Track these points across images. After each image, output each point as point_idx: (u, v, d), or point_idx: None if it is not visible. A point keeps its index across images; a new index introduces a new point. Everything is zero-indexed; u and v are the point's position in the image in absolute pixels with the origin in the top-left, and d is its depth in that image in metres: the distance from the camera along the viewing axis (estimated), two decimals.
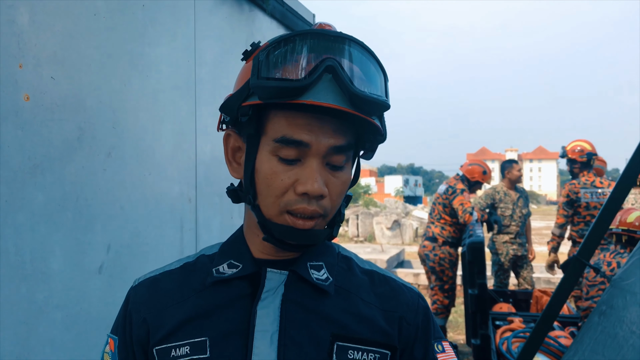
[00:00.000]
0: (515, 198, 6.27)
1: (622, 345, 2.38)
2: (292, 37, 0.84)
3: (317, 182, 0.84)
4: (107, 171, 1.80)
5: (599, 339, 2.55)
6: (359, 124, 0.89)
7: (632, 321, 2.41)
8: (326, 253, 1.00)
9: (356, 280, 0.99)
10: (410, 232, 17.04)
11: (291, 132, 0.84)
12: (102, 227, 1.78)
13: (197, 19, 2.31)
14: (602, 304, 2.65)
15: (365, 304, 0.96)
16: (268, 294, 0.92)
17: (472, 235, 4.49)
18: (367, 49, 0.87)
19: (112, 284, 1.81)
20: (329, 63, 0.81)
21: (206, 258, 1.02)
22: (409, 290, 1.02)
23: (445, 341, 1.02)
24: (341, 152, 0.87)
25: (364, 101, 0.82)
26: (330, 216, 0.91)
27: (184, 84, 2.25)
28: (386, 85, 0.89)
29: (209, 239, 2.41)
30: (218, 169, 2.51)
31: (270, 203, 0.88)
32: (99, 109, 1.77)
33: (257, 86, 0.83)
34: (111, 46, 1.83)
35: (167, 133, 2.14)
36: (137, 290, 1.02)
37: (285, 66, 0.82)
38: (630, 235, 4.04)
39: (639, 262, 2.58)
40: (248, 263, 0.96)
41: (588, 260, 2.82)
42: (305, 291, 0.93)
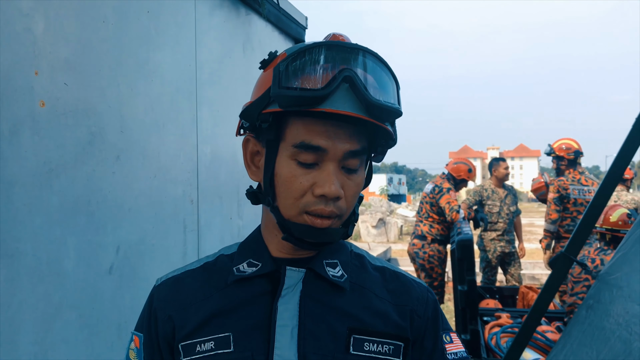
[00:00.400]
0: (503, 195, 6.38)
1: (609, 337, 2.45)
2: (310, 48, 0.90)
3: (334, 185, 0.90)
4: (116, 174, 1.84)
5: (587, 332, 2.62)
6: (373, 130, 0.96)
7: (619, 314, 2.48)
8: (340, 251, 1.06)
9: (369, 277, 1.06)
10: (395, 230, 17.14)
11: (310, 138, 0.90)
12: (111, 228, 1.82)
13: (197, 23, 2.36)
14: (590, 298, 2.72)
15: (378, 298, 1.03)
16: (287, 291, 0.98)
17: (461, 233, 4.58)
18: (381, 59, 0.94)
19: (121, 284, 1.85)
20: (346, 74, 0.87)
21: (225, 257, 1.07)
22: (419, 285, 1.09)
23: (453, 332, 1.09)
24: (356, 156, 0.93)
25: (379, 109, 0.89)
26: (346, 216, 0.98)
27: (186, 88, 2.30)
28: (398, 93, 0.95)
29: (210, 240, 2.46)
30: (218, 170, 2.56)
31: (290, 204, 0.93)
32: (108, 114, 1.81)
33: (278, 95, 0.88)
34: (119, 52, 1.87)
35: (171, 136, 2.18)
36: (161, 289, 1.07)
37: (304, 76, 0.88)
38: (613, 234, 4.14)
39: (625, 257, 2.65)
40: (267, 261, 1.01)
41: (575, 256, 2.89)
42: (322, 287, 1.00)
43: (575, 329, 2.75)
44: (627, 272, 2.57)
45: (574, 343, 2.69)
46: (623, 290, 2.54)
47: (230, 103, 2.63)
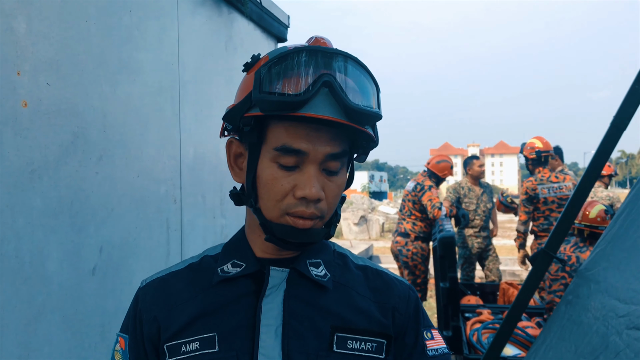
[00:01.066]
0: (480, 193, 6.44)
1: (587, 331, 2.48)
2: (291, 53, 0.91)
3: (314, 187, 0.92)
4: (98, 174, 1.84)
5: (566, 327, 2.66)
6: (353, 133, 0.97)
7: (596, 308, 2.51)
8: (323, 251, 1.08)
9: (352, 276, 1.07)
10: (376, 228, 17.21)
11: (291, 141, 0.91)
12: (95, 229, 1.81)
13: (180, 22, 2.35)
14: (569, 294, 2.76)
15: (361, 297, 1.04)
16: (271, 291, 0.99)
17: (443, 230, 4.62)
18: (361, 63, 0.95)
19: (104, 285, 1.85)
20: (326, 79, 0.88)
21: (210, 258, 1.08)
22: (400, 283, 1.11)
23: (434, 329, 1.11)
24: (336, 158, 0.95)
25: (358, 113, 0.90)
26: (328, 217, 0.99)
27: (169, 87, 2.29)
28: (378, 97, 0.97)
29: (193, 239, 2.46)
30: (201, 170, 2.55)
31: (271, 206, 0.95)
32: (90, 114, 1.80)
33: (259, 100, 0.89)
34: (101, 51, 1.86)
35: (153, 135, 2.17)
36: (146, 290, 1.07)
37: (284, 81, 0.89)
38: (591, 230, 4.20)
39: (603, 253, 2.69)
40: (251, 262, 1.02)
41: (555, 253, 2.93)
42: (306, 287, 1.01)
43: (554, 324, 2.79)
44: (604, 267, 2.61)
45: (553, 338, 2.73)
46: (600, 285, 2.58)
47: (213, 102, 2.63)
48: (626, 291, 2.31)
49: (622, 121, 2.65)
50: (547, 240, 2.88)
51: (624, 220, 2.61)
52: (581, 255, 4.09)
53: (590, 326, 2.43)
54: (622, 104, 2.61)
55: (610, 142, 2.69)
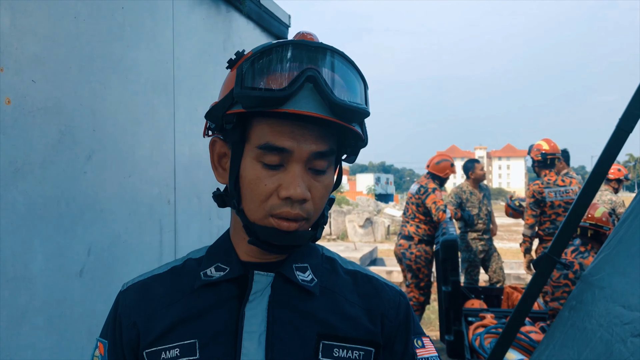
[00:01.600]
0: (481, 197, 6.42)
1: (591, 338, 2.44)
2: (274, 47, 0.87)
3: (299, 187, 0.87)
4: (87, 174, 1.80)
5: (569, 333, 2.62)
6: (340, 131, 0.93)
7: (600, 314, 2.47)
8: (311, 255, 1.03)
9: (340, 281, 1.03)
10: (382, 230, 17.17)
11: (274, 139, 0.87)
12: (82, 230, 1.77)
13: (175, 20, 2.31)
14: (572, 299, 2.72)
15: (349, 303, 1.00)
16: (255, 296, 0.94)
17: (445, 234, 4.57)
18: (347, 58, 0.91)
19: (92, 288, 1.80)
20: (310, 73, 0.84)
21: (193, 262, 1.04)
22: (391, 289, 1.06)
23: (425, 337, 1.06)
24: (323, 157, 0.90)
25: (343, 109, 0.86)
26: (314, 219, 0.95)
27: (163, 86, 2.25)
28: (366, 93, 0.92)
29: (188, 240, 2.42)
30: (196, 170, 2.51)
31: (255, 207, 0.91)
32: (79, 112, 1.76)
33: (240, 96, 0.86)
34: (91, 48, 1.82)
35: (146, 135, 2.13)
36: (126, 295, 1.03)
37: (267, 76, 0.85)
38: (596, 230, 4.13)
39: (608, 258, 2.65)
40: (235, 266, 0.98)
41: (559, 257, 2.89)
42: (292, 292, 0.97)
43: (557, 330, 2.74)
44: (609, 272, 2.57)
45: (556, 344, 2.69)
46: (605, 291, 2.54)
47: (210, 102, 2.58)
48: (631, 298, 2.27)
49: (628, 124, 2.61)
50: (551, 244, 2.85)
51: (629, 225, 2.57)
52: (584, 261, 4.04)
53: (594, 333, 2.38)
54: (628, 106, 2.57)
55: (615, 146, 2.65)
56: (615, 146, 2.69)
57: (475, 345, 4.13)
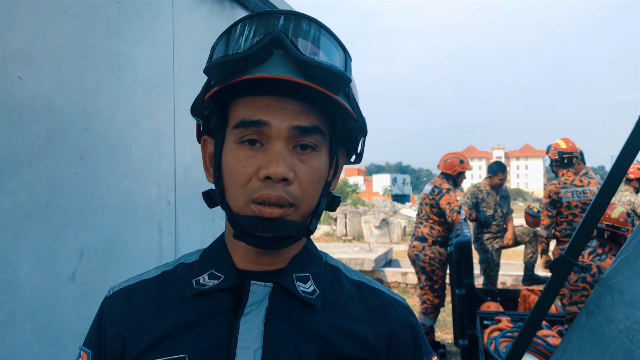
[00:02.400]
0: (497, 198, 6.32)
1: (610, 344, 2.35)
2: (242, 19, 0.82)
3: (280, 166, 0.79)
4: (79, 174, 1.74)
5: (587, 338, 2.53)
6: (326, 106, 0.84)
7: (620, 320, 2.38)
8: (313, 263, 0.95)
9: (344, 293, 0.94)
10: (398, 231, 17.03)
11: (250, 114, 0.81)
12: (74, 232, 1.71)
13: (175, 16, 2.25)
14: (590, 303, 2.63)
15: (353, 317, 0.91)
16: (251, 308, 0.86)
17: (459, 235, 4.46)
18: (322, 25, 0.83)
19: (85, 292, 1.74)
20: (275, 35, 0.77)
21: (185, 267, 0.96)
22: (399, 305, 0.98)
23: (434, 356, 0.99)
24: (306, 133, 0.82)
25: (315, 69, 0.77)
26: (304, 207, 0.85)
27: (162, 84, 2.19)
28: (347, 62, 0.84)
29: (189, 243, 2.35)
30: (198, 169, 2.45)
31: (237, 195, 0.83)
32: (71, 110, 1.70)
33: (207, 70, 0.81)
34: (83, 44, 1.76)
35: (144, 134, 2.07)
36: (112, 301, 0.95)
37: (233, 46, 0.80)
38: (613, 231, 4.02)
39: (627, 261, 2.55)
40: (230, 274, 0.90)
41: (576, 259, 2.80)
42: (291, 304, 0.88)
43: (575, 335, 2.65)
44: (628, 276, 2.47)
45: (573, 350, 2.60)
46: (624, 295, 2.44)
47: None
48: None
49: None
50: (568, 246, 2.76)
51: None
52: (601, 264, 3.92)
53: (613, 339, 2.29)
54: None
55: (635, 143, 2.55)
56: (636, 144, 2.59)
57: (490, 350, 4.02)
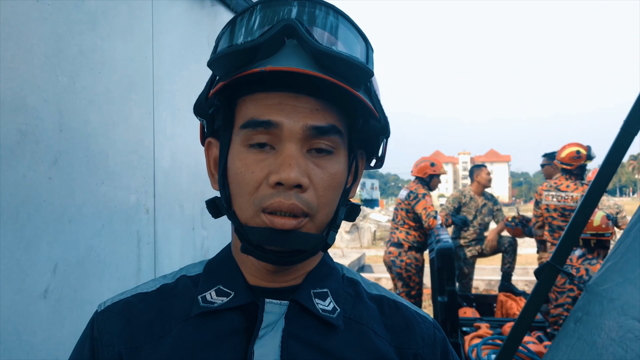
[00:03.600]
0: (480, 205, 6.30)
1: (602, 353, 2.31)
2: (250, 7, 0.72)
3: (293, 170, 0.69)
4: (53, 180, 1.58)
5: (576, 347, 2.49)
6: (344, 103, 0.74)
7: (611, 328, 2.33)
8: (331, 277, 0.84)
9: (366, 309, 0.84)
10: (368, 236, 17.03)
11: (259, 113, 0.70)
12: (47, 244, 1.55)
13: (155, 12, 2.11)
14: (578, 310, 2.58)
15: (377, 337, 0.81)
16: (266, 330, 0.75)
17: (440, 241, 4.41)
18: (340, 12, 0.73)
19: (59, 310, 1.59)
20: (288, 23, 0.67)
21: (188, 280, 0.84)
22: (424, 320, 0.88)
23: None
24: (323, 134, 0.72)
25: (332, 59, 0.67)
26: (320, 217, 0.74)
27: (141, 82, 2.04)
28: (369, 54, 0.73)
29: (168, 253, 2.21)
30: (178, 175, 2.31)
31: (245, 203, 0.72)
32: (43, 110, 1.55)
33: (212, 62, 0.71)
34: (57, 38, 1.61)
35: (122, 137, 1.93)
36: (107, 317, 0.81)
37: (240, 36, 0.70)
38: (598, 239, 4.06)
39: (616, 267, 2.52)
40: (241, 291, 0.79)
41: (562, 266, 2.78)
42: (309, 325, 0.78)
43: (563, 342, 2.61)
44: (618, 282, 2.43)
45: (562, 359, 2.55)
46: (615, 302, 2.40)
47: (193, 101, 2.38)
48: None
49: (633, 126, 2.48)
50: (554, 252, 2.74)
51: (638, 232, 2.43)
52: (591, 267, 3.95)
53: (605, 348, 2.24)
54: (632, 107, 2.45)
55: (621, 148, 2.53)
56: (621, 149, 2.58)
57: (472, 357, 3.98)
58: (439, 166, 5.87)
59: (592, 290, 2.53)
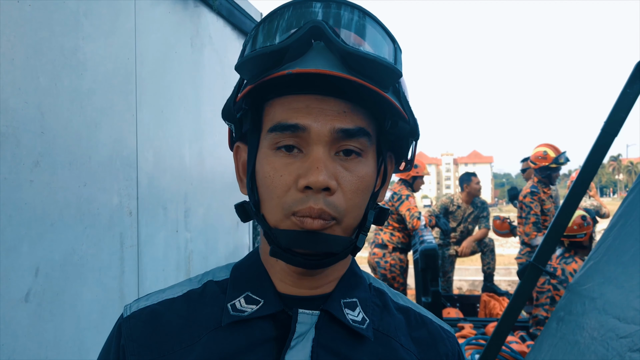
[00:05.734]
0: (467, 213, 6.36)
1: (584, 352, 2.34)
2: (278, 9, 0.72)
3: (321, 173, 0.69)
4: (34, 183, 1.56)
5: (559, 346, 2.51)
6: (372, 105, 0.74)
7: (593, 327, 2.36)
8: (358, 286, 0.84)
9: (393, 321, 0.84)
10: None
11: (287, 116, 0.71)
12: (28, 248, 1.53)
13: (137, 12, 2.09)
14: (560, 310, 2.62)
15: (405, 350, 0.81)
16: (298, 340, 0.75)
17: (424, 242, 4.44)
18: (367, 12, 0.73)
19: (41, 314, 1.57)
20: (314, 25, 0.67)
21: (215, 285, 0.83)
22: (448, 337, 0.88)
23: None
24: (351, 137, 0.72)
25: (361, 60, 0.67)
26: (348, 220, 0.74)
27: (123, 84, 2.02)
28: (397, 54, 0.73)
29: (153, 255, 2.19)
30: (162, 177, 2.29)
31: (274, 206, 0.72)
32: (24, 111, 1.52)
33: (239, 66, 0.71)
34: (39, 39, 1.59)
35: (105, 138, 1.91)
36: (133, 324, 0.80)
37: (267, 38, 0.70)
38: (571, 240, 4.13)
39: (597, 267, 2.56)
40: (271, 299, 0.78)
41: (544, 266, 2.82)
42: (339, 335, 0.77)
43: (545, 342, 2.63)
44: (599, 282, 2.46)
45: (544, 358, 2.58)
46: (596, 302, 2.43)
47: (176, 103, 2.37)
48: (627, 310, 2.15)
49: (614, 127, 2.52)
50: (536, 252, 2.77)
51: (618, 232, 2.46)
52: (567, 267, 4.00)
53: (587, 347, 2.27)
54: (613, 109, 2.49)
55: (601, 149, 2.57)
56: (601, 151, 2.62)
57: None
58: (422, 167, 5.90)
59: (574, 289, 2.56)
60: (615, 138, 2.54)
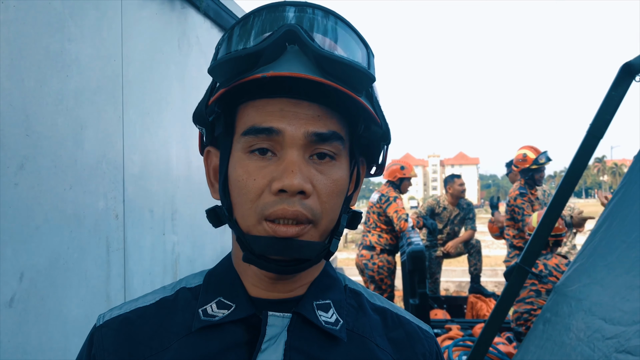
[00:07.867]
0: (453, 215, 6.39)
1: (570, 353, 2.35)
2: (252, 12, 0.72)
3: (296, 176, 0.68)
4: (19, 186, 1.54)
5: (546, 347, 2.53)
6: (346, 109, 0.74)
7: (579, 328, 2.38)
8: (333, 288, 0.83)
9: (369, 322, 0.83)
10: None
11: (261, 120, 0.71)
12: (13, 252, 1.51)
13: (124, 13, 2.08)
14: (547, 311, 2.63)
15: (380, 351, 0.80)
16: (269, 343, 0.74)
17: (412, 244, 4.45)
18: (340, 17, 0.73)
19: (25, 320, 1.54)
20: (289, 29, 0.67)
21: (188, 292, 0.82)
22: (425, 335, 0.87)
23: None
24: (324, 141, 0.72)
25: (334, 64, 0.67)
26: (324, 224, 0.74)
27: (110, 86, 2.00)
28: (370, 59, 0.74)
29: (139, 258, 2.17)
30: (148, 180, 2.27)
31: (247, 211, 0.71)
32: (9, 114, 1.50)
33: (212, 69, 0.70)
34: (23, 40, 1.57)
35: (91, 141, 1.89)
36: (104, 333, 0.79)
37: (241, 42, 0.70)
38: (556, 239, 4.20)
39: (583, 268, 2.58)
40: (243, 303, 0.77)
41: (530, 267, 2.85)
42: (312, 337, 0.77)
43: (532, 343, 2.65)
44: (586, 284, 2.48)
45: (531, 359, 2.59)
46: (582, 303, 2.45)
47: (163, 105, 2.35)
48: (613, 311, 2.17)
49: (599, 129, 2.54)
50: (522, 254, 2.80)
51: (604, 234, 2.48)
52: (548, 262, 4.07)
53: (573, 348, 2.28)
54: (598, 111, 2.51)
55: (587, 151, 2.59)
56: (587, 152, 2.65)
57: None
58: (409, 169, 5.92)
59: (560, 291, 2.58)
60: (600, 140, 2.57)
